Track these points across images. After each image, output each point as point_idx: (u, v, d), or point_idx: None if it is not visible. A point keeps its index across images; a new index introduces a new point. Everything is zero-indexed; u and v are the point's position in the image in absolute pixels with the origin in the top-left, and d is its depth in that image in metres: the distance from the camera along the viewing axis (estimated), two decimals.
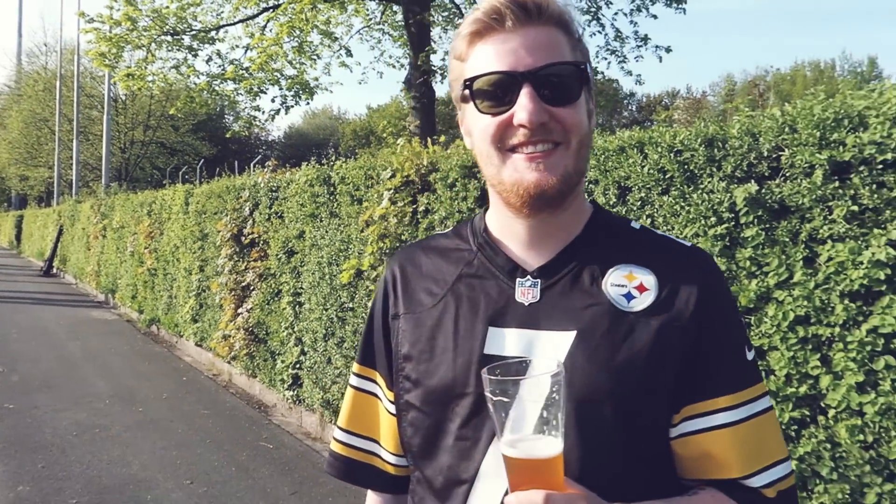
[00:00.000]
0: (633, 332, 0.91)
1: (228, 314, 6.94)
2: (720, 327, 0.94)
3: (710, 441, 0.92)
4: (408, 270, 1.08)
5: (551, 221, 0.97)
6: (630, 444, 0.91)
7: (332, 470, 1.17)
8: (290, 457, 4.84)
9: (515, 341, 0.94)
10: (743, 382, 0.93)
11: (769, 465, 0.93)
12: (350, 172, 5.04)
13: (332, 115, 53.93)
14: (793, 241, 2.38)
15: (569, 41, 0.93)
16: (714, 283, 0.97)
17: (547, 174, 0.90)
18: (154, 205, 10.32)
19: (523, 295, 0.96)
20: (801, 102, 2.48)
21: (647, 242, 1.00)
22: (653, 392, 0.91)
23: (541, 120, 0.88)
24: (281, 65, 11.26)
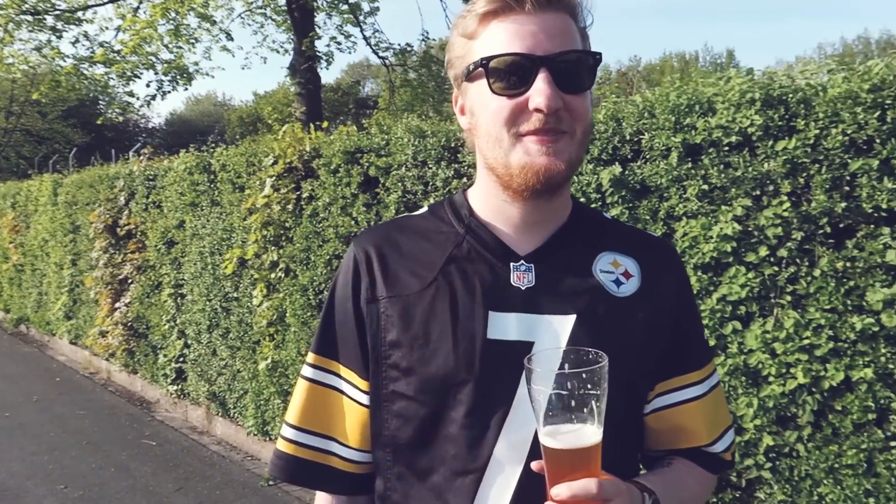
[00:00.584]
0: (626, 315, 0.96)
1: (105, 309, 6.57)
2: (691, 310, 1.05)
3: (682, 414, 1.00)
4: (385, 251, 1.01)
5: (545, 207, 0.96)
6: (627, 423, 0.98)
7: (279, 472, 1.06)
8: (175, 452, 4.67)
9: (517, 326, 0.93)
10: (706, 359, 1.04)
11: (724, 430, 1.04)
12: (231, 159, 4.89)
13: (216, 102, 51.67)
14: (653, 218, 2.56)
15: (578, 30, 0.93)
16: (684, 271, 1.07)
17: (556, 160, 0.89)
18: (19, 196, 9.58)
19: (519, 279, 0.95)
20: (659, 89, 2.67)
21: (622, 232, 1.06)
22: (646, 372, 0.98)
23: (557, 105, 0.87)
24: (156, 48, 10.64)
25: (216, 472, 4.34)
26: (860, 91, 2.03)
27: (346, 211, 3.83)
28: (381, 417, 0.98)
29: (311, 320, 3.98)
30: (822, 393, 2.15)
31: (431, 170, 3.34)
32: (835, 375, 2.10)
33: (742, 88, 2.30)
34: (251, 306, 4.58)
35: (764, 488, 2.31)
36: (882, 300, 1.99)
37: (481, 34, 0.92)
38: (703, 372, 1.02)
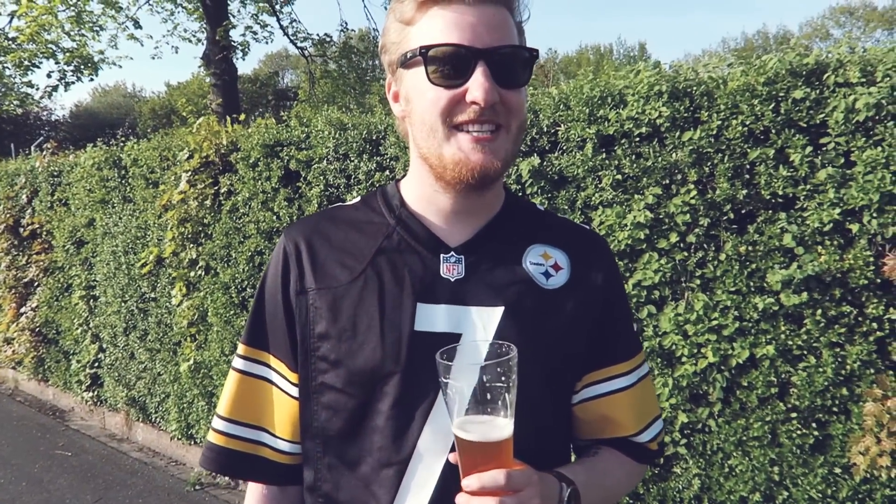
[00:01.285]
0: (554, 307, 0.97)
1: (10, 315, 6.19)
2: (620, 303, 1.06)
3: (610, 404, 1.02)
4: (315, 243, 1.00)
5: (477, 199, 0.97)
6: (555, 413, 1.00)
7: (210, 464, 1.06)
8: (93, 462, 4.47)
9: (445, 317, 0.93)
10: (634, 350, 1.05)
11: (651, 421, 1.05)
12: (143, 154, 4.69)
13: (126, 93, 49.26)
14: (571, 207, 2.63)
15: (515, 25, 0.93)
16: (614, 263, 1.08)
17: (491, 157, 0.89)
18: None
19: (448, 271, 0.96)
20: (574, 82, 2.74)
21: (554, 224, 1.06)
22: (572, 363, 1.00)
23: (494, 99, 0.87)
24: (56, 36, 10.04)
25: (138, 479, 4.19)
26: (756, 84, 2.15)
27: (266, 206, 3.75)
28: (311, 409, 0.98)
29: (235, 319, 3.89)
30: (730, 370, 2.28)
31: (353, 162, 3.31)
32: (741, 353, 2.23)
33: (650, 81, 2.39)
34: (170, 306, 4.43)
35: (680, 463, 2.43)
36: (780, 281, 2.12)
37: (419, 20, 0.91)
38: (631, 363, 1.04)
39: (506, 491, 0.81)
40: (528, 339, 0.91)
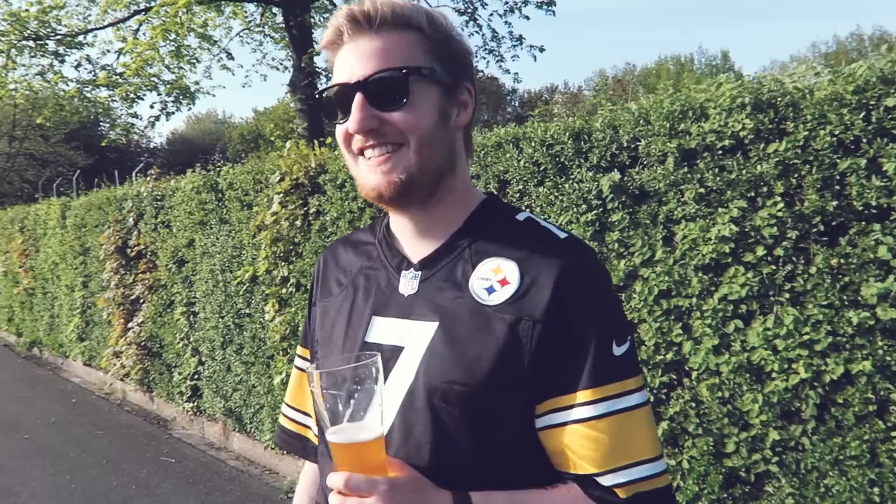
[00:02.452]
0: (487, 325, 0.93)
1: (118, 330, 6.66)
2: (578, 321, 0.92)
3: (567, 435, 0.91)
4: (329, 262, 1.16)
5: (427, 216, 1.01)
6: (482, 434, 0.92)
7: (277, 439, 1.27)
8: (194, 469, 4.75)
9: (392, 330, 0.99)
10: (605, 377, 0.91)
11: (627, 464, 0.90)
12: (238, 177, 4.98)
13: (216, 120, 51.95)
14: (653, 222, 2.63)
15: (415, 41, 0.95)
16: (575, 274, 0.94)
17: (385, 177, 0.94)
18: (27, 220, 9.69)
19: (405, 287, 1.00)
20: (653, 97, 2.74)
21: (523, 234, 1.00)
22: (505, 385, 0.91)
23: (367, 126, 0.93)
24: (158, 69, 10.80)
25: (236, 486, 4.41)
26: (845, 93, 2.11)
27: (353, 225, 3.91)
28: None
29: None
30: (824, 387, 2.22)
31: None
32: (835, 369, 2.17)
33: (732, 94, 2.38)
34: (264, 321, 4.67)
35: (772, 482, 2.37)
36: (876, 294, 2.06)
37: (333, 66, 1.00)
38: (597, 392, 0.90)
39: (345, 493, 0.84)
40: (453, 356, 0.93)
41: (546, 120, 3.50)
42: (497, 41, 11.80)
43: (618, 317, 0.98)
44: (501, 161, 3.11)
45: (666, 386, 2.63)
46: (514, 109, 40.51)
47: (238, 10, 11.38)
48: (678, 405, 2.58)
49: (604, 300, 0.96)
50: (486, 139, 3.23)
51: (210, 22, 11.00)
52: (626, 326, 0.97)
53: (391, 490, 0.84)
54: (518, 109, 39.68)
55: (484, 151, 3.20)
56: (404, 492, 0.86)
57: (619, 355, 0.93)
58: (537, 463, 0.95)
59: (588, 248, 1.00)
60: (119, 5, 10.38)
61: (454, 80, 0.99)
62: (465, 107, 1.01)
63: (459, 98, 1.00)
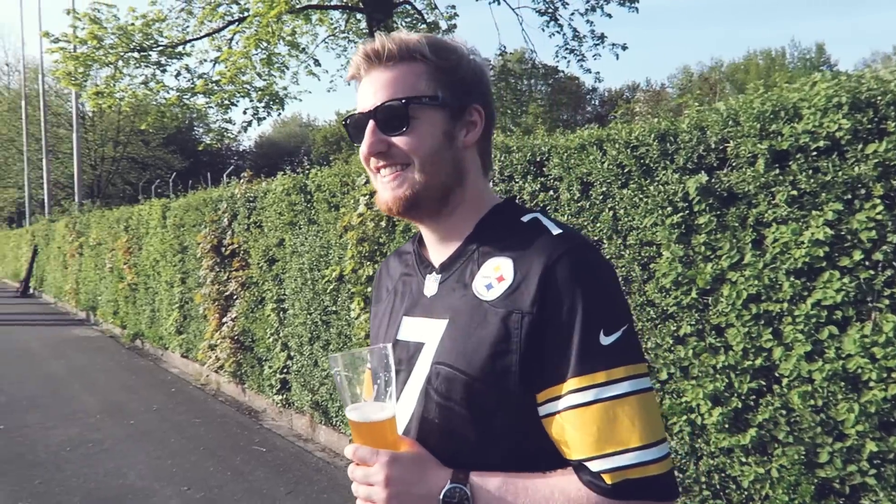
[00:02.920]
0: (484, 319, 1.02)
1: (213, 324, 7.03)
2: (563, 311, 0.97)
3: (559, 423, 0.97)
4: (382, 272, 1.30)
5: (442, 225, 1.13)
6: (481, 420, 1.01)
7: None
8: (284, 458, 4.97)
9: (417, 328, 1.11)
10: (591, 366, 0.95)
11: (615, 451, 0.93)
12: (326, 180, 5.18)
13: (301, 123, 53.75)
14: (742, 225, 2.58)
15: (423, 71, 1.07)
16: (561, 266, 0.99)
17: (393, 192, 1.07)
18: (131, 220, 10.34)
19: (428, 289, 1.13)
20: (743, 97, 2.69)
21: (523, 233, 1.07)
22: (499, 374, 0.99)
23: (375, 150, 1.07)
24: (250, 77, 11.33)
25: (322, 477, 4.60)
26: None
27: None
28: None
29: None
30: None
31: (518, 184, 3.46)
32: None
33: (828, 93, 2.30)
34: (349, 319, 4.84)
35: (869, 495, 2.29)
36: None
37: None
38: (584, 380, 0.95)
39: (356, 462, 1.01)
40: (457, 349, 1.03)
41: (628, 119, 3.47)
42: (578, 40, 11.67)
43: (607, 306, 0.99)
44: (584, 163, 3.12)
45: (755, 392, 2.57)
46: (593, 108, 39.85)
47: (324, 18, 11.77)
48: (767, 412, 2.52)
49: (590, 290, 0.98)
50: (569, 141, 3.24)
51: (297, 30, 11.42)
52: (617, 315, 0.99)
53: (391, 461, 0.98)
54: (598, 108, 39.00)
55: (567, 154, 3.22)
56: (404, 464, 0.99)
57: (607, 344, 0.97)
58: (539, 451, 1.01)
59: (581, 241, 1.04)
60: (215, 17, 10.94)
61: (461, 103, 1.09)
62: (473, 126, 1.11)
63: (468, 119, 1.10)
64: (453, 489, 0.97)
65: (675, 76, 42.46)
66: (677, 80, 39.74)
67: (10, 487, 4.43)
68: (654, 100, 30.56)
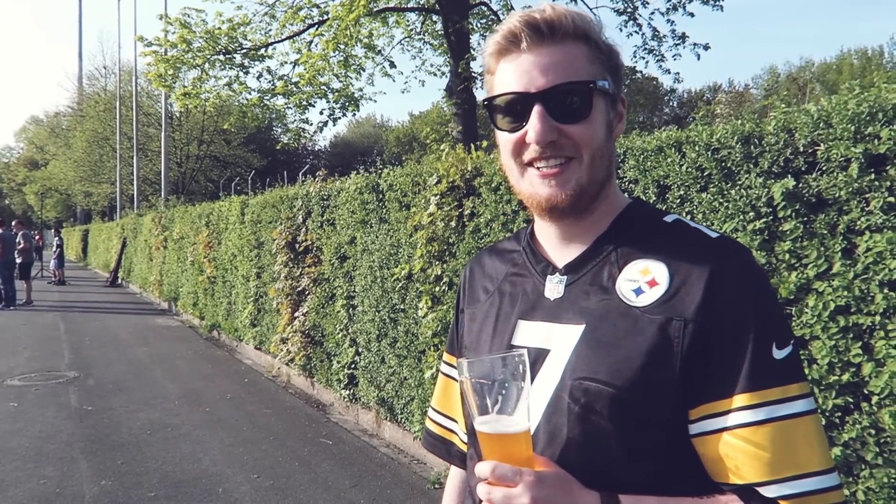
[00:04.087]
0: (635, 327, 0.92)
1: (286, 318, 7.23)
2: (733, 321, 0.89)
3: (723, 442, 0.88)
4: (475, 271, 1.20)
5: (577, 224, 1.02)
6: (628, 437, 0.91)
7: (424, 442, 1.32)
8: (349, 452, 5.06)
9: (538, 333, 1.00)
10: (765, 381, 0.87)
11: (794, 475, 0.85)
12: (398, 179, 5.24)
13: (375, 124, 54.69)
14: (831, 233, 2.45)
15: (589, 53, 0.96)
16: (729, 272, 0.91)
17: (558, 189, 0.96)
18: (212, 216, 10.76)
19: (550, 291, 1.02)
20: (836, 98, 2.55)
21: (672, 235, 0.98)
22: (653, 387, 0.90)
23: (549, 138, 0.94)
24: (328, 78, 11.61)
25: (386, 472, 4.65)
26: None
27: (507, 227, 3.98)
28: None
29: None
30: None
31: None
32: None
33: None
34: (417, 317, 4.87)
35: None
36: None
37: (496, 71, 1.00)
38: (757, 396, 0.87)
39: (493, 482, 0.85)
40: (599, 357, 0.93)
41: (708, 122, 3.35)
42: (658, 40, 11.39)
43: (778, 318, 0.92)
44: (662, 166, 3.03)
45: (840, 409, 2.43)
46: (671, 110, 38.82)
47: (401, 20, 11.93)
48: (854, 431, 2.37)
49: (761, 300, 0.91)
50: (647, 143, 3.16)
51: (374, 32, 11.63)
52: (787, 329, 0.92)
53: (538, 482, 0.84)
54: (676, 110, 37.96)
55: (644, 156, 3.13)
56: (551, 485, 0.86)
57: (781, 358, 0.88)
58: (688, 471, 0.92)
59: (742, 246, 0.96)
60: (296, 20, 11.27)
61: (617, 92, 1.00)
62: (620, 118, 1.03)
63: (619, 109, 1.02)
64: None
65: (760, 77, 40.85)
66: (762, 81, 38.23)
67: (97, 466, 4.68)
68: (736, 101, 29.48)
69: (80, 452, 4.97)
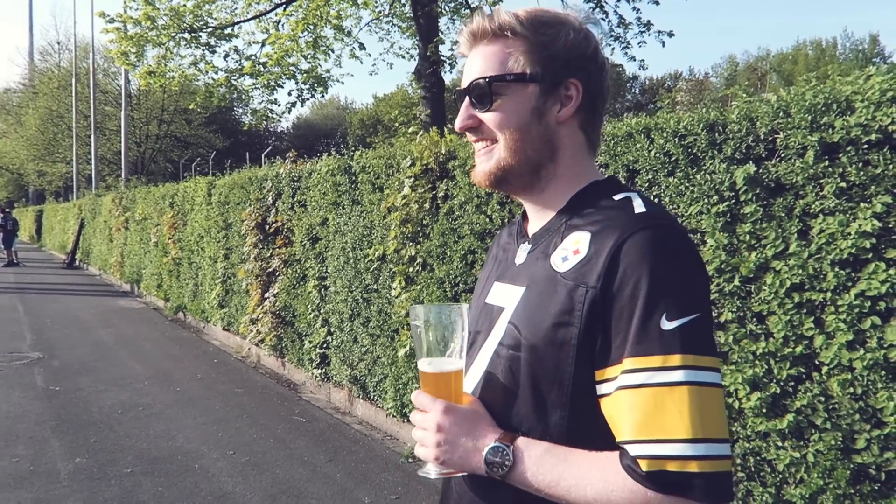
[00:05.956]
0: (553, 290, 1.03)
1: (255, 299, 7.24)
2: (626, 289, 0.95)
3: (610, 402, 0.95)
4: (496, 241, 1.36)
5: (536, 198, 1.16)
6: (538, 388, 1.02)
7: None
8: (323, 429, 5.15)
9: (501, 293, 1.16)
10: (646, 348, 0.92)
11: (655, 439, 0.89)
12: (370, 162, 5.30)
13: (339, 105, 54.13)
14: (788, 215, 2.62)
15: (520, 46, 1.09)
16: (634, 244, 0.96)
17: (481, 167, 1.14)
18: (176, 197, 10.63)
19: (518, 257, 1.17)
20: (794, 89, 2.72)
21: (610, 210, 1.06)
22: (558, 346, 1.00)
23: (465, 124, 1.13)
24: (296, 59, 11.50)
25: (360, 447, 4.76)
26: None
27: (480, 209, 4.09)
28: None
29: None
30: None
31: None
32: None
33: (883, 87, 2.33)
34: (390, 297, 4.97)
35: None
36: None
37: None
38: (638, 361, 0.92)
39: (418, 408, 1.08)
40: (526, 316, 1.07)
41: (671, 109, 3.51)
42: (624, 27, 11.57)
43: (675, 289, 0.94)
44: (631, 151, 3.18)
45: (794, 379, 2.62)
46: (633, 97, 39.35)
47: (369, 1, 11.86)
48: (806, 398, 2.57)
49: (657, 271, 0.94)
50: (617, 129, 3.30)
51: (342, 12, 11.55)
52: (686, 301, 0.94)
53: (446, 411, 1.04)
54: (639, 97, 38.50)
55: (614, 141, 3.27)
56: (458, 415, 1.04)
57: (669, 329, 0.92)
58: (594, 431, 0.98)
59: (664, 221, 1.00)
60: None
61: (554, 79, 1.08)
62: (569, 101, 1.09)
63: (563, 94, 1.09)
64: (497, 448, 0.99)
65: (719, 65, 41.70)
66: (722, 70, 39.01)
67: (69, 444, 4.68)
68: (696, 89, 30.06)
69: (51, 431, 4.95)
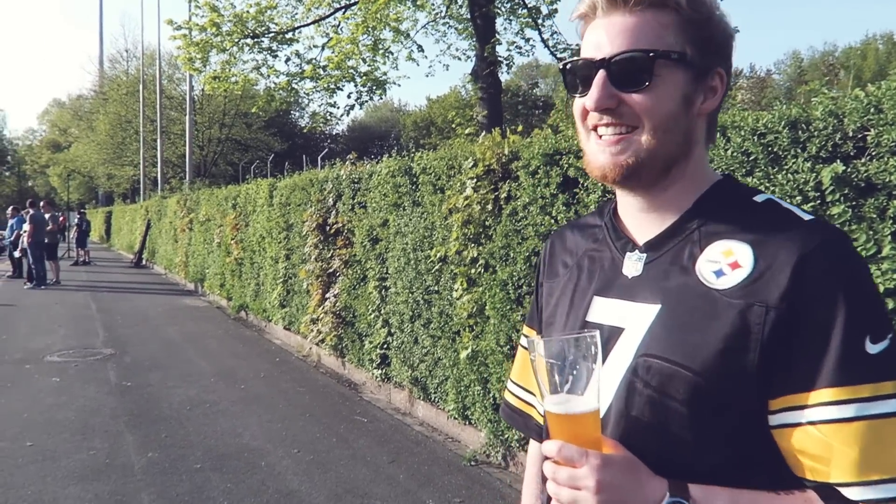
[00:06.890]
0: (713, 310, 0.89)
1: (316, 299, 7.35)
2: (821, 309, 0.83)
3: (805, 437, 0.83)
4: (556, 245, 1.20)
5: (655, 198, 0.99)
6: (702, 423, 0.88)
7: (502, 414, 1.31)
8: (384, 429, 5.18)
9: (613, 311, 0.99)
10: (854, 377, 0.81)
11: (882, 479, 0.79)
12: (431, 163, 5.30)
13: (393, 108, 54.66)
14: (880, 217, 2.49)
15: (667, 22, 0.93)
16: (820, 258, 0.85)
17: (613, 158, 0.95)
18: (239, 198, 10.89)
19: (629, 268, 1.00)
20: (886, 83, 2.57)
21: (760, 215, 0.94)
22: (731, 374, 0.86)
23: (604, 105, 0.93)
24: (356, 62, 11.65)
25: (422, 449, 4.76)
26: None
27: (545, 210, 4.04)
28: None
29: (511, 313, 4.24)
30: None
31: None
32: None
33: None
34: (451, 299, 4.95)
35: None
36: None
37: (583, 36, 1.01)
38: (847, 391, 0.81)
39: (559, 462, 0.86)
40: (673, 340, 0.90)
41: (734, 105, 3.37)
42: None
43: (873, 309, 0.85)
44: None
45: None
46: None
47: (425, 3, 11.91)
48: None
49: (854, 288, 0.84)
50: None
51: (399, 15, 11.63)
52: (884, 322, 0.84)
53: (604, 465, 0.84)
54: None
55: None
56: (617, 469, 0.85)
57: (875, 353, 0.82)
58: (763, 463, 0.88)
59: (838, 231, 0.90)
60: (322, 3, 11.29)
61: (706, 65, 0.95)
62: (713, 93, 0.97)
63: (709, 83, 0.97)
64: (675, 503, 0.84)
65: (782, 62, 40.31)
66: (785, 66, 37.70)
67: (142, 439, 4.84)
68: (758, 86, 29.12)
69: (125, 425, 5.13)
